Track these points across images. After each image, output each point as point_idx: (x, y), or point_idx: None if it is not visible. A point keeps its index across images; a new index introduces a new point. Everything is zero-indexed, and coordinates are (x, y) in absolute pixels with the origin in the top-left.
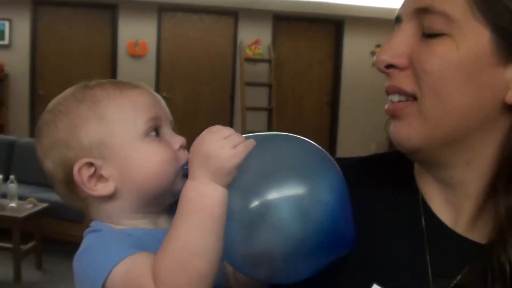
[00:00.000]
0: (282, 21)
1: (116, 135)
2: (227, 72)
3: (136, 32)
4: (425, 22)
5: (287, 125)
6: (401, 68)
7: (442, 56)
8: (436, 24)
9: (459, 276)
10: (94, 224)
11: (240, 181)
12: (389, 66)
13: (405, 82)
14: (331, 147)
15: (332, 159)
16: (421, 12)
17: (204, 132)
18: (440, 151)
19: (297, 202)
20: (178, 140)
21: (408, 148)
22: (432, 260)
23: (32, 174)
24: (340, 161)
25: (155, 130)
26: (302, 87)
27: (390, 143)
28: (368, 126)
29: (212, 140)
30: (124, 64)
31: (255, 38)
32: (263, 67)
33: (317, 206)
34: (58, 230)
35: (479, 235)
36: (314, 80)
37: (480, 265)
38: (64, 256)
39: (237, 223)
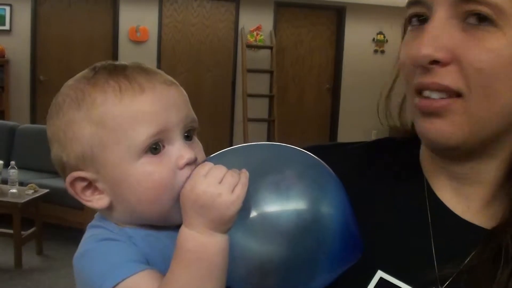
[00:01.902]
0: (284, 8)
1: (109, 150)
2: (228, 58)
3: (138, 18)
4: (469, 10)
5: (288, 112)
6: (444, 64)
7: (494, 52)
8: (484, 13)
9: (467, 260)
10: (97, 217)
11: (243, 220)
12: (432, 61)
13: (449, 78)
14: (332, 133)
15: (327, 167)
16: (465, 1)
17: (193, 175)
18: (475, 147)
19: (304, 220)
20: (186, 156)
21: (447, 147)
22: (437, 245)
23: (33, 160)
24: (343, 145)
25: (158, 145)
26: (304, 74)
27: (391, 130)
28: (369, 113)
29: (206, 187)
30: (125, 49)
31: (256, 25)
32: (265, 54)
33: (323, 223)
34: (59, 216)
35: (486, 222)
36: (316, 67)
37: (491, 248)
38: (65, 242)
39: (246, 262)
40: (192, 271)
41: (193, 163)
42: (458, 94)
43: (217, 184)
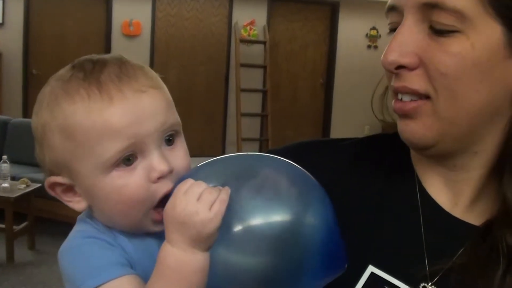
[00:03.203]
0: (278, 2)
1: (79, 163)
2: (221, 53)
3: (131, 12)
4: (434, 18)
5: (282, 107)
6: (411, 68)
7: (458, 56)
8: (448, 20)
9: (457, 256)
10: (87, 211)
11: (225, 236)
12: (399, 67)
13: (417, 82)
14: (325, 129)
15: (311, 177)
16: (429, 7)
17: (175, 193)
18: (451, 146)
19: (287, 233)
20: (158, 169)
21: (420, 146)
22: (428, 241)
23: (25, 154)
24: (336, 142)
25: (132, 156)
26: (297, 69)
27: (384, 125)
28: (362, 108)
29: (185, 204)
30: (118, 43)
31: (250, 19)
32: (258, 48)
33: (307, 235)
34: (51, 210)
35: (475, 218)
36: (309, 62)
37: (480, 245)
38: (57, 236)
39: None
40: (170, 287)
41: (167, 175)
42: (427, 97)
43: (195, 202)
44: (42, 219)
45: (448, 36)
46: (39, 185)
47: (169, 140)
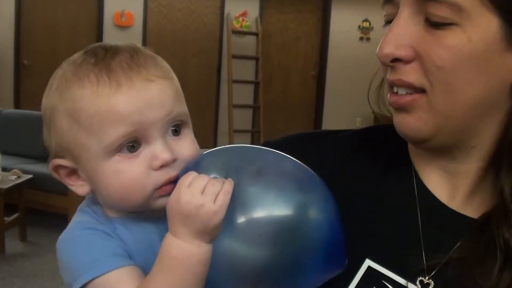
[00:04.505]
0: None
1: (82, 146)
2: (214, 44)
3: (122, 2)
4: (430, 10)
5: (274, 99)
6: (407, 61)
7: (454, 49)
8: (444, 12)
9: (454, 249)
10: (88, 199)
11: (229, 228)
12: (394, 59)
13: (412, 75)
14: (317, 121)
15: (315, 174)
16: None
17: (178, 186)
18: (447, 139)
19: (291, 226)
20: (161, 157)
21: (416, 140)
22: (425, 235)
23: (17, 145)
24: (333, 133)
25: (134, 143)
26: (289, 61)
27: (376, 118)
28: (354, 100)
29: (189, 197)
30: (110, 34)
31: (242, 10)
32: (250, 40)
33: (310, 228)
34: (42, 201)
35: (473, 211)
36: (301, 54)
37: (477, 238)
38: (49, 228)
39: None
40: (173, 278)
41: (171, 163)
42: (422, 90)
43: (200, 195)
44: (34, 210)
45: (444, 28)
46: (30, 176)
47: (176, 131)
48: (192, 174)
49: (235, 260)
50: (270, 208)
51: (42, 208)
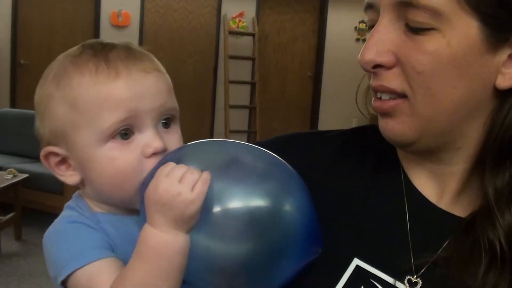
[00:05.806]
0: None
1: (77, 132)
2: (210, 44)
3: (119, 2)
4: (409, 15)
5: (270, 99)
6: (388, 67)
7: (433, 54)
8: (423, 18)
9: (442, 248)
10: (74, 197)
11: (206, 218)
12: (376, 66)
13: (394, 81)
14: (313, 121)
15: (288, 165)
16: (404, 5)
17: (157, 175)
18: (432, 142)
19: (267, 216)
20: (153, 145)
21: (401, 143)
22: (413, 234)
23: (13, 145)
24: (322, 134)
25: (128, 130)
26: (286, 61)
27: (372, 118)
28: (350, 101)
29: (167, 186)
30: (107, 34)
31: (239, 11)
32: (247, 40)
33: (285, 217)
34: (38, 201)
35: (461, 211)
36: (298, 55)
37: (464, 237)
38: (44, 227)
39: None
40: (151, 267)
41: (161, 152)
42: (404, 95)
43: (177, 183)
44: (30, 210)
45: (424, 34)
46: (26, 175)
47: (166, 123)
48: (170, 164)
49: (212, 253)
50: (247, 199)
51: (38, 208)
